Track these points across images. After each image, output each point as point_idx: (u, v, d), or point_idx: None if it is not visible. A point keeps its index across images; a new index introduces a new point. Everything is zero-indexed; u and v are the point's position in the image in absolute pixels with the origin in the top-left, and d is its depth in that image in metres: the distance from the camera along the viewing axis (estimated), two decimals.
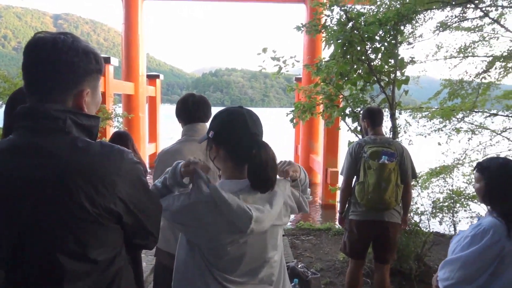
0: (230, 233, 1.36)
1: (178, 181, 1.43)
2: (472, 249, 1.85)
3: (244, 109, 1.48)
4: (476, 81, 7.82)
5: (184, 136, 2.46)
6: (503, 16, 7.84)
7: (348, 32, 4.40)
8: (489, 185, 1.93)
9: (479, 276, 1.84)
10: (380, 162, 3.19)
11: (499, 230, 1.82)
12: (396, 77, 4.65)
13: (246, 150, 1.39)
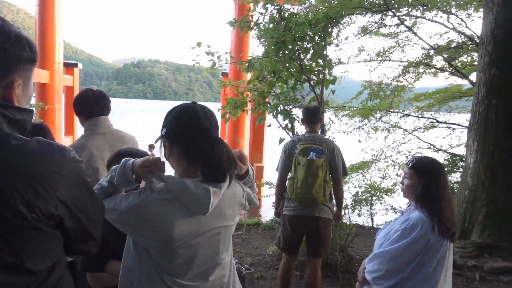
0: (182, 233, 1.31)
1: (129, 180, 1.35)
2: (401, 242, 1.98)
3: (197, 105, 1.43)
4: (393, 84, 8.48)
5: (88, 130, 2.47)
6: (415, 25, 8.58)
7: (281, 31, 4.48)
8: (418, 182, 2.07)
9: (406, 267, 1.98)
10: (308, 158, 3.31)
11: (426, 225, 1.96)
12: (324, 77, 4.84)
13: (198, 147, 1.34)
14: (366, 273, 2.14)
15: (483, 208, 5.26)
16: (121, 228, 1.36)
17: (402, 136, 8.88)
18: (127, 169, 1.35)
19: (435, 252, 1.96)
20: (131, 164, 1.36)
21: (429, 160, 2.15)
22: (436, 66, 8.64)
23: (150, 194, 1.30)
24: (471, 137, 5.60)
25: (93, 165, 2.36)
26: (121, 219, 1.32)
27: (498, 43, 5.40)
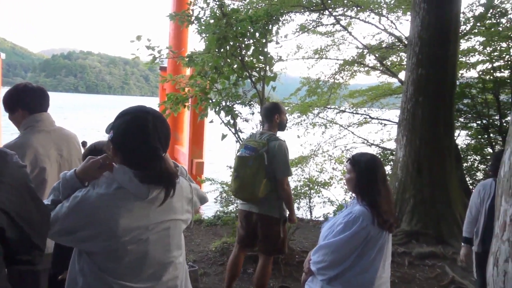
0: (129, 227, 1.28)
1: (76, 188, 1.31)
2: (344, 234, 2.08)
3: (149, 115, 1.37)
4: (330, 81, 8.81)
5: (28, 128, 2.30)
6: (350, 25, 8.97)
7: (223, 27, 4.47)
8: (358, 177, 2.19)
9: (348, 258, 2.09)
10: (238, 154, 3.39)
11: (367, 218, 2.08)
12: (265, 73, 4.91)
13: (142, 162, 1.33)
14: (311, 264, 2.22)
15: (411, 198, 5.66)
16: (64, 241, 1.31)
17: (338, 132, 9.27)
18: (71, 180, 1.31)
19: (375, 243, 2.08)
20: (74, 174, 1.33)
21: (366, 155, 2.27)
22: (369, 65, 9.10)
23: (92, 190, 1.27)
24: (400, 132, 5.99)
25: (39, 164, 2.21)
26: (64, 226, 1.26)
27: (424, 45, 5.82)
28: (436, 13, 5.83)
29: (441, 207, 5.53)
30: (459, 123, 7.90)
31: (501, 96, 7.57)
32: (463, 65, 8.01)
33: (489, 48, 7.57)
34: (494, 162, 3.08)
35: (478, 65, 7.98)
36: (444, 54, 5.83)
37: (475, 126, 8.01)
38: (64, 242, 1.33)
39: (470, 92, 7.79)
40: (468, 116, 8.01)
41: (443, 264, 4.68)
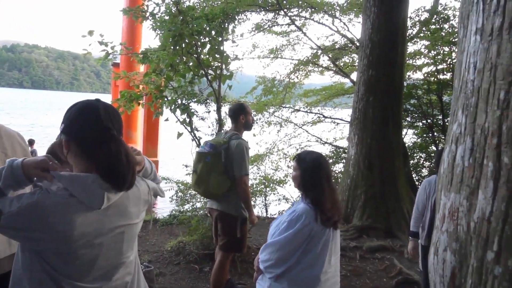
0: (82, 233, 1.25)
1: (19, 181, 1.24)
2: (288, 232, 2.11)
3: (100, 102, 1.37)
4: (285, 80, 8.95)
5: None
6: (305, 26, 9.16)
7: (178, 24, 4.42)
8: (302, 175, 2.23)
9: (293, 255, 2.12)
10: (197, 150, 3.49)
11: (309, 215, 2.11)
12: (221, 72, 4.91)
13: (96, 146, 1.29)
14: (259, 262, 2.24)
15: (362, 194, 5.89)
16: (5, 233, 1.25)
17: (293, 130, 9.44)
18: (15, 169, 1.24)
19: (318, 239, 2.11)
20: (21, 164, 1.25)
21: (312, 154, 2.30)
22: (323, 65, 9.33)
23: (47, 193, 1.22)
24: (352, 131, 6.21)
25: None
26: (10, 222, 1.21)
27: (375, 47, 6.06)
28: (385, 17, 6.09)
29: (390, 203, 5.79)
30: (406, 122, 8.31)
31: (444, 97, 8.04)
32: (410, 67, 8.43)
33: (433, 51, 8.02)
34: (438, 159, 3.26)
35: (424, 67, 8.44)
36: (393, 57, 6.11)
37: (421, 125, 8.45)
38: (9, 236, 1.28)
39: (416, 93, 8.21)
40: (415, 115, 8.44)
41: (392, 257, 4.91)
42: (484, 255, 1.22)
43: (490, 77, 1.12)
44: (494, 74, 1.11)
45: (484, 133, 1.13)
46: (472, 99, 1.18)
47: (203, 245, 4.63)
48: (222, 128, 4.86)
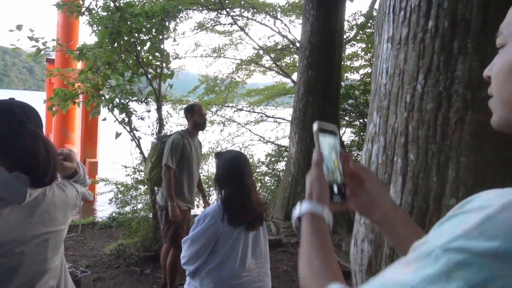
0: (3, 241, 1.20)
1: None
2: (195, 230, 2.11)
3: (14, 101, 1.32)
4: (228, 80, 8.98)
5: None
6: (247, 26, 9.25)
7: (116, 21, 4.30)
8: (216, 173, 2.25)
9: (203, 253, 2.11)
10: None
11: (216, 215, 2.10)
12: (162, 71, 4.84)
13: (11, 139, 1.24)
14: (181, 258, 2.24)
15: (303, 192, 6.06)
16: None
17: (236, 129, 9.49)
18: None
19: (226, 240, 2.09)
20: None
21: (229, 153, 2.33)
22: (265, 65, 9.48)
23: None
24: (293, 130, 6.38)
25: None
26: None
27: (314, 49, 6.27)
28: (323, 20, 6.32)
29: None
30: (344, 121, 8.67)
31: None
32: (348, 69, 8.80)
33: (369, 54, 8.44)
34: None
35: (361, 69, 8.85)
36: (331, 58, 6.35)
37: (358, 124, 8.86)
38: None
39: (353, 93, 8.59)
40: (352, 115, 8.83)
41: None
42: None
43: (399, 82, 1.23)
44: (402, 79, 1.22)
45: (394, 133, 1.24)
46: (384, 102, 1.28)
47: (144, 247, 4.55)
48: (162, 128, 4.80)
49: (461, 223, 0.42)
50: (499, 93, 0.58)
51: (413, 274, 0.42)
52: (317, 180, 0.77)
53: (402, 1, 1.20)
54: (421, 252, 0.44)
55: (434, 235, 0.44)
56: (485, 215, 0.40)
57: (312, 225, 0.73)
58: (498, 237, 0.38)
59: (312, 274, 0.67)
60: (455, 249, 0.40)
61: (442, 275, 0.40)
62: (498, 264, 0.38)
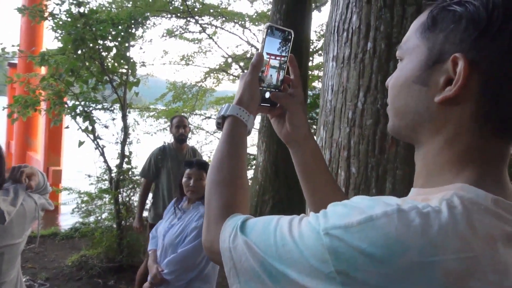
0: None
1: None
2: (197, 240, 2.22)
3: None
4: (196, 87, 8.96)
5: None
6: (216, 34, 9.28)
7: (80, 27, 4.24)
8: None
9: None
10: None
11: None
12: (128, 79, 4.80)
13: None
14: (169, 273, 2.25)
15: (270, 199, 6.13)
16: None
17: (204, 138, 9.46)
18: None
19: None
20: None
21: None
22: (234, 73, 9.53)
23: None
24: (260, 139, 6.44)
25: None
26: None
27: None
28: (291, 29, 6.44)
29: (295, 206, 6.10)
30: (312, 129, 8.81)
31: None
32: (315, 78, 8.97)
33: None
34: None
35: None
36: None
37: None
38: None
39: None
40: None
41: None
42: None
43: (342, 99, 1.30)
44: (345, 96, 1.29)
45: (338, 147, 1.31)
46: (330, 117, 1.35)
47: (108, 258, 4.47)
48: (127, 136, 4.75)
49: (348, 215, 0.47)
50: (392, 104, 0.62)
51: (298, 237, 0.49)
52: (250, 85, 0.77)
53: (345, 23, 1.27)
54: (312, 223, 0.50)
55: (330, 213, 0.50)
56: (366, 217, 0.46)
57: (233, 130, 0.75)
58: (368, 240, 0.44)
59: (218, 180, 0.70)
60: (335, 236, 0.46)
61: (318, 253, 0.46)
62: (363, 260, 0.44)
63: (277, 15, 6.46)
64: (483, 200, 0.49)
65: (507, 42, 0.49)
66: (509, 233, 0.48)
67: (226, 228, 0.61)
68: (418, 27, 0.58)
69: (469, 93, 0.51)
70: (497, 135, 0.53)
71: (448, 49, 0.52)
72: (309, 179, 0.87)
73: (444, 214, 0.45)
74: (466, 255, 0.44)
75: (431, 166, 0.57)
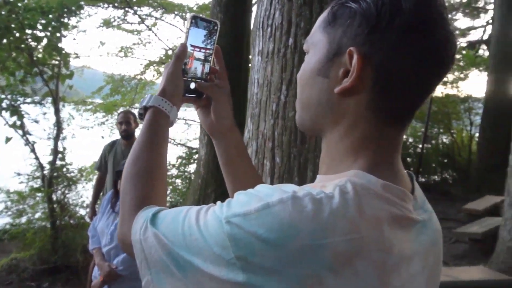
0: None
1: None
2: None
3: None
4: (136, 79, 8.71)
5: None
6: (156, 25, 9.06)
7: (5, 16, 3.97)
8: None
9: None
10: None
11: None
12: (60, 71, 4.58)
13: None
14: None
15: (213, 193, 6.14)
16: None
17: None
18: None
19: None
20: None
21: None
22: None
23: None
24: (202, 132, 6.42)
25: None
26: None
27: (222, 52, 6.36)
28: (231, 24, 6.45)
29: None
30: None
31: None
32: None
33: None
34: None
35: None
36: (238, 62, 6.50)
37: None
38: None
39: None
40: None
41: None
42: None
43: (267, 92, 1.35)
44: (269, 89, 1.34)
45: (263, 138, 1.36)
46: (256, 110, 1.40)
47: (41, 259, 4.26)
48: (61, 132, 4.54)
49: (248, 203, 0.49)
50: (298, 96, 0.65)
51: (203, 226, 0.51)
52: (173, 76, 0.77)
53: (269, 19, 1.32)
54: (216, 212, 0.51)
55: (234, 202, 0.52)
56: (264, 204, 0.48)
57: (154, 120, 0.74)
58: (265, 226, 0.47)
59: (133, 172, 0.69)
60: (234, 224, 0.48)
61: (220, 241, 0.48)
62: (260, 245, 0.46)
63: (217, 8, 6.43)
64: (373, 185, 0.52)
65: (394, 37, 0.53)
66: (395, 215, 0.52)
67: (138, 220, 0.61)
68: (321, 23, 0.61)
69: (363, 85, 0.55)
70: (389, 124, 0.57)
71: (345, 43, 0.56)
72: (232, 170, 0.89)
73: (335, 199, 0.48)
74: (353, 237, 0.47)
75: (332, 155, 0.61)
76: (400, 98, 0.56)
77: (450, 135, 10.60)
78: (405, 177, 0.61)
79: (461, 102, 10.45)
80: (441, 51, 0.55)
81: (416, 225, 0.55)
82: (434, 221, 0.62)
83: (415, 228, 0.55)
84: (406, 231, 0.53)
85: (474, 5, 12.06)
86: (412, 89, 0.56)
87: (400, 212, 0.52)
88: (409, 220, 0.54)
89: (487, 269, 3.69)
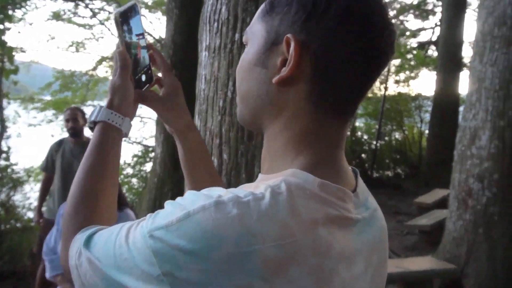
0: None
1: None
2: None
3: None
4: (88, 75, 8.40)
5: None
6: (109, 20, 8.77)
7: None
8: None
9: None
10: None
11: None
12: (4, 65, 4.33)
13: None
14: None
15: (169, 192, 6.04)
16: None
17: None
18: None
19: None
20: None
21: None
22: None
23: None
24: (158, 130, 6.29)
25: None
26: None
27: (177, 49, 6.25)
28: (187, 20, 6.34)
29: None
30: None
31: None
32: None
33: None
34: None
35: None
36: (196, 59, 6.40)
37: None
38: None
39: None
40: None
41: None
42: None
43: (214, 87, 1.34)
44: (216, 85, 1.33)
45: (211, 135, 1.35)
46: (203, 106, 1.38)
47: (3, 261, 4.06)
48: (5, 130, 4.30)
49: (172, 213, 0.46)
50: (238, 90, 0.62)
51: (132, 243, 0.48)
52: (122, 87, 0.71)
53: (216, 14, 1.30)
54: (143, 226, 0.48)
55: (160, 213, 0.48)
56: (185, 213, 0.45)
57: (103, 138, 0.68)
58: (187, 236, 0.43)
59: (77, 196, 0.64)
60: (157, 237, 0.45)
61: (146, 257, 0.45)
62: (184, 258, 0.43)
63: (172, 4, 6.31)
64: (310, 185, 0.49)
65: (331, 24, 0.50)
66: (332, 216, 0.49)
67: (74, 244, 0.58)
68: (259, 13, 0.58)
69: (302, 74, 0.52)
70: (330, 117, 0.54)
71: (283, 31, 0.53)
72: (192, 169, 0.85)
73: (265, 201, 0.45)
74: (285, 241, 0.44)
75: (273, 151, 0.57)
76: (340, 88, 0.53)
77: (402, 132, 11.04)
78: (349, 173, 0.58)
79: (412, 100, 10.91)
80: (379, 39, 0.52)
81: (356, 224, 0.53)
82: (379, 217, 0.60)
83: (356, 227, 0.53)
84: (345, 231, 0.51)
85: (424, 8, 12.59)
86: (351, 78, 0.53)
87: (338, 212, 0.50)
88: (348, 219, 0.51)
89: (434, 259, 3.87)
